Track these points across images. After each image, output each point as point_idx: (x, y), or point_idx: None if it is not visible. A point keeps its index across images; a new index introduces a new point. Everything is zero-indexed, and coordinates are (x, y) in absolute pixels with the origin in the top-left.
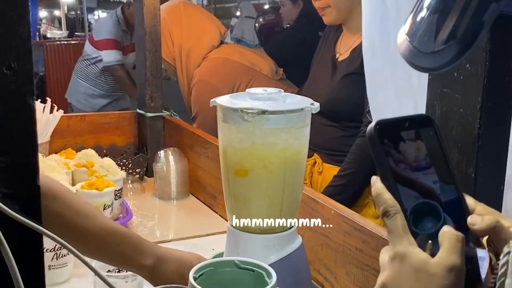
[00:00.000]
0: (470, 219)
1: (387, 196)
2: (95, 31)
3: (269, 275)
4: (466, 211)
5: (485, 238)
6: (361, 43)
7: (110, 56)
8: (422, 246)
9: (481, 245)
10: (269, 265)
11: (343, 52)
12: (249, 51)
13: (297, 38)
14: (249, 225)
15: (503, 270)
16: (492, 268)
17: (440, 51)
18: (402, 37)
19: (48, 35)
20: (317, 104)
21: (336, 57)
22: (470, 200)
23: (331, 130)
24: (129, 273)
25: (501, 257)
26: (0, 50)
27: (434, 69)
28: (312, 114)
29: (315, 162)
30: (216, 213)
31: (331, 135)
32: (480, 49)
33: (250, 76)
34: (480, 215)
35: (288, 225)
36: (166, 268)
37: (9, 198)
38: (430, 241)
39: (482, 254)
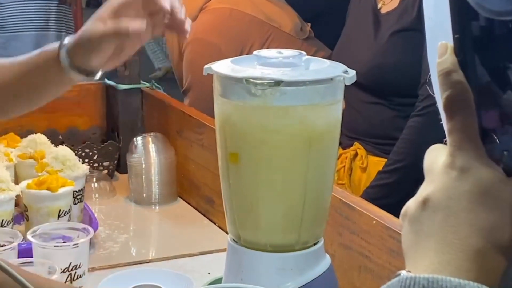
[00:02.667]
0: None
1: (458, 77)
2: None
3: None
4: None
5: None
6: None
7: None
8: (493, 156)
9: None
10: None
11: (388, 0)
12: (265, 0)
13: None
14: (258, 240)
15: None
16: None
17: None
18: None
19: None
20: (352, 73)
21: (378, 8)
22: None
23: (378, 109)
24: None
25: None
26: None
27: (508, 13)
28: (347, 86)
29: (356, 154)
30: (214, 223)
31: (378, 116)
32: None
33: (265, 33)
34: None
35: (312, 241)
36: None
37: None
38: (504, 152)
39: None
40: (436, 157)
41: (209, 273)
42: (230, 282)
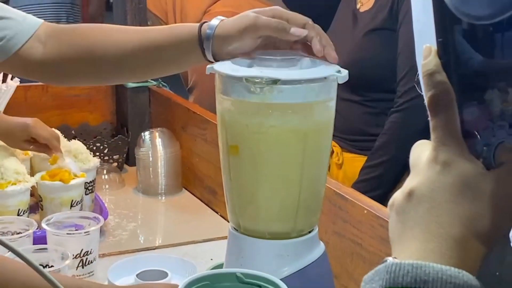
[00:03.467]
0: None
1: (441, 77)
2: None
3: None
4: None
5: None
6: None
7: None
8: (474, 151)
9: None
10: (281, 279)
11: (365, 1)
12: (263, 4)
13: None
14: (256, 228)
15: None
16: None
17: None
18: None
19: None
20: (345, 72)
21: (358, 7)
22: None
23: (351, 106)
24: None
25: None
26: None
27: (486, 17)
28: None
29: (332, 152)
30: (217, 213)
31: (352, 112)
32: None
33: None
34: None
35: (307, 229)
36: None
37: None
38: (484, 147)
39: None
40: (421, 152)
41: (211, 259)
42: (231, 267)
